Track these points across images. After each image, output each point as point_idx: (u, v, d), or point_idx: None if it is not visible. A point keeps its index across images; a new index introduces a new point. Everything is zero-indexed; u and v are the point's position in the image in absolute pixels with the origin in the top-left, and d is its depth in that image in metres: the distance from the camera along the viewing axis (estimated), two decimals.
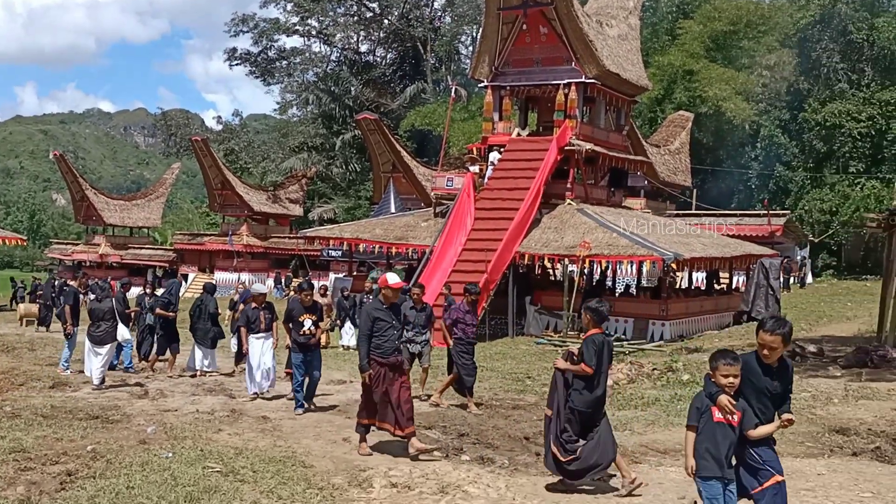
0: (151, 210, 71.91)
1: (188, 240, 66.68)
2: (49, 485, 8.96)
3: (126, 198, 75.09)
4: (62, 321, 19.02)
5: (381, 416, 11.03)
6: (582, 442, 9.08)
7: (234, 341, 19.47)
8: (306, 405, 13.93)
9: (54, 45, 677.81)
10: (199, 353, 18.62)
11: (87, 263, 67.13)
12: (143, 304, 20.06)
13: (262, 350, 15.18)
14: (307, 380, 13.93)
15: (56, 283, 31.79)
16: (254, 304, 15.52)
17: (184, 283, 59.44)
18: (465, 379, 14.60)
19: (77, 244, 73.19)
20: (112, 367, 17.95)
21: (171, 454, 10.20)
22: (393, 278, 11.51)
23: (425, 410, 13.96)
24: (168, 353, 18.94)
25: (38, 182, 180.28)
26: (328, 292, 27.86)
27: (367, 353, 10.93)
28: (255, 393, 15.14)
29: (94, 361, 16.36)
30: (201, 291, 19.72)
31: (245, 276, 57.02)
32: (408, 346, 14.69)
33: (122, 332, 16.91)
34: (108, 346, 16.54)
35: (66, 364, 18.59)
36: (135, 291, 22.11)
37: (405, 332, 14.41)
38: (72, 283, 27.61)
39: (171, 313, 18.81)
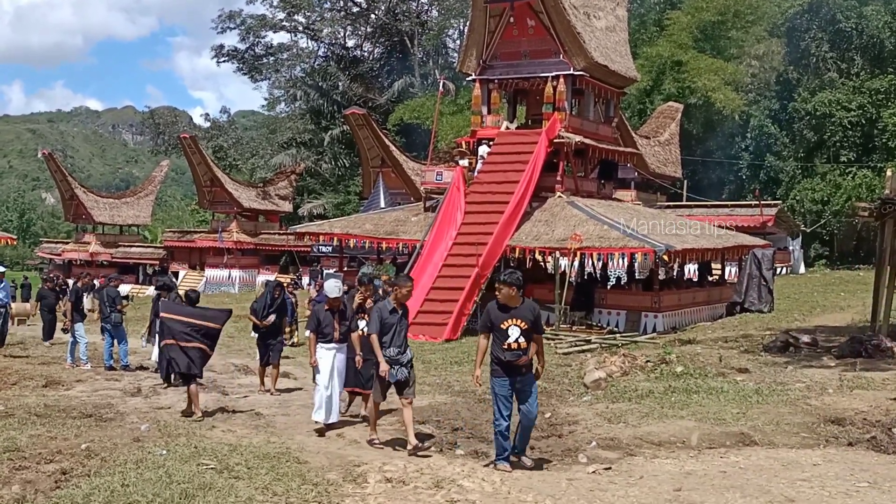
0: (141, 208, 71.72)
1: (178, 237, 66.51)
2: (44, 483, 8.93)
3: (115, 196, 74.92)
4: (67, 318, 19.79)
5: None
6: None
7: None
8: (515, 458, 10.15)
9: (41, 43, 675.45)
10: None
11: (78, 262, 67.01)
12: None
13: (333, 365, 12.38)
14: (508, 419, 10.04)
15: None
16: (327, 306, 12.61)
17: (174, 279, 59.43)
18: None
19: (67, 243, 73.06)
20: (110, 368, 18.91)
21: (165, 451, 10.16)
22: None
23: (417, 405, 13.89)
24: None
25: (26, 181, 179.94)
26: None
27: None
28: (325, 424, 12.16)
29: None
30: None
31: (236, 273, 57.06)
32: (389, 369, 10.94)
33: None
34: None
35: (84, 357, 19.41)
36: (125, 289, 21.85)
37: (389, 349, 10.88)
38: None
39: (259, 320, 16.06)
